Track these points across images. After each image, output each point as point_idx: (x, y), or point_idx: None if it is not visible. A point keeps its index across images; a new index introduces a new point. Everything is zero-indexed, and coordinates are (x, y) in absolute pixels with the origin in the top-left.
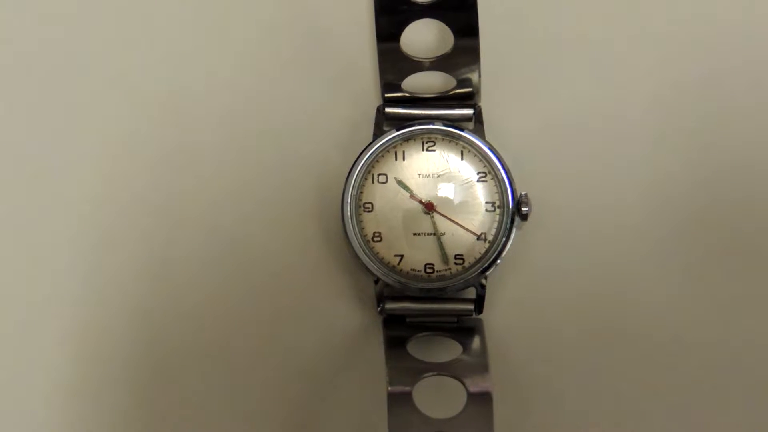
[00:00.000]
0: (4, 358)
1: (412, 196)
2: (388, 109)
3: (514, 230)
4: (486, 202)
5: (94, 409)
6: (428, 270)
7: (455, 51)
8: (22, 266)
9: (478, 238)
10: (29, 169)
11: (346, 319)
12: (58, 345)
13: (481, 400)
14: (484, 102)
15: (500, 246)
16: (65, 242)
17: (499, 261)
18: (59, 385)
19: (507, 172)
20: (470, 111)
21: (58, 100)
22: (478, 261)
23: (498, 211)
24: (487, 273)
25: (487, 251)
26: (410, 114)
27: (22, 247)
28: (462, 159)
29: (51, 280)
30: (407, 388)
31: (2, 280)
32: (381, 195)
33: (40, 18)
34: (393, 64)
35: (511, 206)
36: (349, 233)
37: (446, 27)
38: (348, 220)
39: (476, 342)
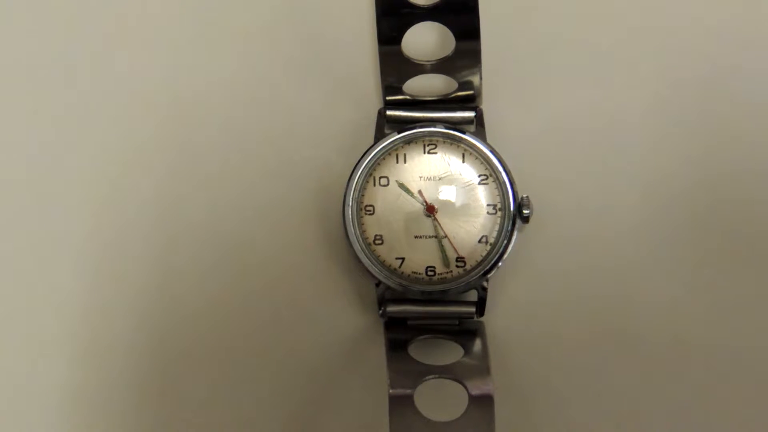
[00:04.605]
0: (9, 363)
1: (419, 193)
2: (389, 112)
3: (515, 233)
4: (487, 205)
5: (98, 413)
6: (429, 273)
7: (456, 54)
8: (25, 271)
9: (459, 259)
10: (31, 173)
11: (348, 322)
12: (61, 348)
13: (483, 403)
14: (486, 104)
15: (501, 249)
16: (68, 246)
17: (500, 264)
18: (63, 389)
19: (508, 174)
20: (471, 114)
21: (58, 104)
22: (479, 264)
23: (499, 213)
24: (489, 276)
25: (488, 254)
26: (411, 117)
27: (25, 251)
28: (463, 162)
29: (54, 284)
30: (408, 391)
31: (6, 284)
32: (382, 198)
33: (41, 21)
34: (394, 67)
35: (512, 209)
36: (350, 236)
37: (447, 30)
38: (349, 223)
39: (477, 345)
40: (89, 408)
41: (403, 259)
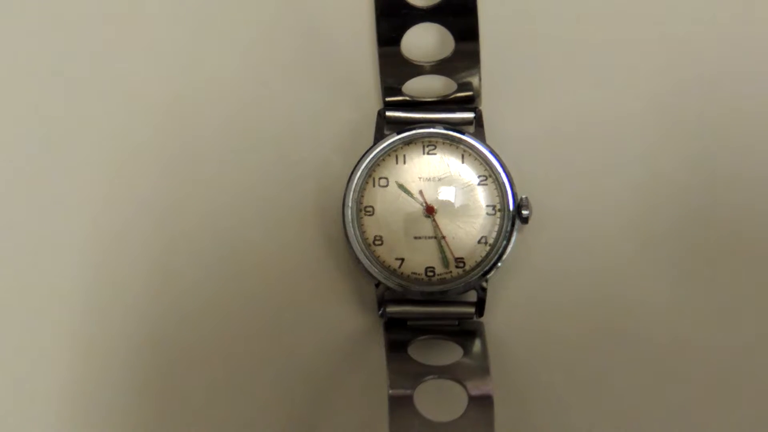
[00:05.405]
0: (8, 364)
1: (420, 194)
2: (388, 113)
3: (514, 233)
4: (487, 206)
5: (98, 413)
6: (429, 273)
7: (456, 55)
8: (24, 272)
9: (457, 264)
10: (31, 173)
11: (347, 322)
12: (61, 348)
13: (482, 404)
14: (485, 105)
15: (501, 249)
16: (67, 248)
17: (499, 264)
18: (63, 389)
19: (507, 175)
20: (471, 114)
21: (57, 105)
22: (478, 264)
23: (499, 214)
24: (488, 276)
25: (487, 254)
26: (411, 118)
27: (24, 252)
28: (463, 162)
29: (54, 284)
30: (408, 392)
31: (5, 285)
32: (382, 198)
33: (40, 22)
34: (393, 68)
35: (511, 209)
36: (350, 237)
37: (447, 31)
38: (349, 224)
39: (477, 345)
40: (89, 408)
41: (402, 259)
